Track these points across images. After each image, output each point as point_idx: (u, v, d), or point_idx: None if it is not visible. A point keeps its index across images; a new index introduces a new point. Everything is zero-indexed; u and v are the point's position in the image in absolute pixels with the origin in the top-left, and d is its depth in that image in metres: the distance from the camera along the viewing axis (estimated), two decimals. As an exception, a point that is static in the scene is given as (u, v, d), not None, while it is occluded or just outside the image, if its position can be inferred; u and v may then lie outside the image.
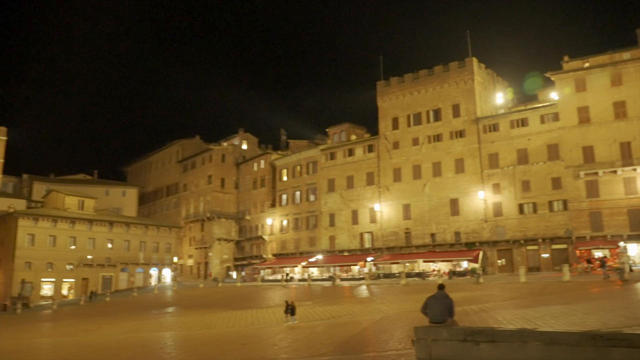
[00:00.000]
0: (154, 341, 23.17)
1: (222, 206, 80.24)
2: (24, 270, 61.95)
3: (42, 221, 64.60)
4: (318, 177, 69.39)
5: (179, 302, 46.98)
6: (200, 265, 79.90)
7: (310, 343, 19.12)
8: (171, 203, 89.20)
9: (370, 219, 63.12)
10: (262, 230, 75.59)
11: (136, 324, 32.01)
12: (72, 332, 29.72)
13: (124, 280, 70.72)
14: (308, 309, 31.78)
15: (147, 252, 73.85)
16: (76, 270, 66.47)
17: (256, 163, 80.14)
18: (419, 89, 61.67)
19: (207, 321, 30.17)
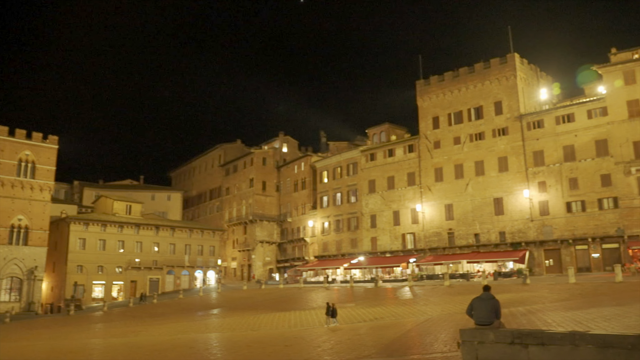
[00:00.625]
0: (200, 342, 23.59)
1: (264, 209, 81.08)
2: (76, 273, 64.33)
3: (92, 226, 66.95)
4: (358, 179, 69.20)
5: (224, 304, 47.68)
6: (244, 268, 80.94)
7: (354, 345, 19.05)
8: (214, 206, 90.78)
9: (412, 219, 62.47)
10: (304, 232, 75.95)
11: (182, 325, 32.68)
12: (122, 333, 30.60)
13: (170, 282, 72.43)
14: (351, 311, 31.70)
15: (192, 255, 75.41)
16: (125, 273, 68.54)
17: (297, 165, 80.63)
18: (460, 87, 60.67)
19: (251, 323, 30.50)
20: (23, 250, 58.94)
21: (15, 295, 58.41)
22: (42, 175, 61.43)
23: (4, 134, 59.12)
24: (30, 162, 60.69)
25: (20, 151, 60.11)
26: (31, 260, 59.22)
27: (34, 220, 60.18)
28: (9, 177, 58.78)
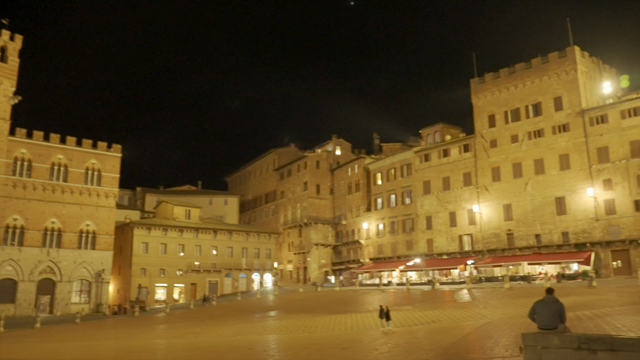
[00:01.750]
0: (258, 344, 23.97)
1: (319, 212, 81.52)
2: (140, 276, 66.94)
3: (154, 230, 69.48)
4: (413, 180, 68.38)
5: (280, 306, 48.23)
6: (299, 270, 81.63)
7: (412, 348, 18.83)
8: (270, 210, 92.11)
9: (469, 220, 61.09)
10: (359, 234, 75.79)
11: (241, 327, 33.30)
12: (183, 334, 31.52)
13: (228, 285, 74.08)
14: (407, 314, 31.35)
15: (249, 257, 76.82)
16: (185, 276, 70.66)
17: (350, 168, 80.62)
18: (516, 84, 58.85)
19: (308, 325, 30.69)
20: (91, 254, 61.88)
21: (85, 297, 61.39)
22: (107, 183, 64.32)
23: (73, 144, 62.35)
24: (96, 170, 63.69)
25: (87, 160, 63.20)
26: (99, 264, 62.09)
27: (101, 225, 63.07)
28: (78, 184, 61.90)
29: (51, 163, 60.57)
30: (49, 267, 58.94)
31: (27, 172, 58.93)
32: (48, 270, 58.90)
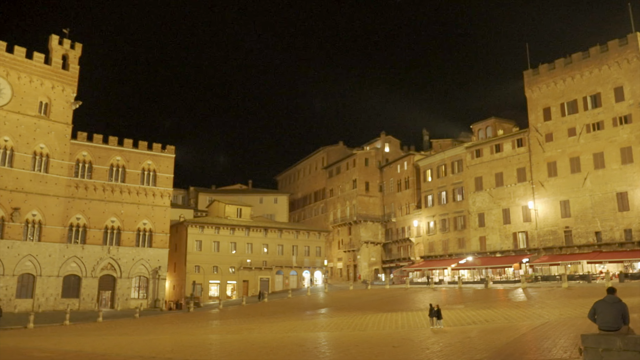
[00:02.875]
0: (309, 341, 24.18)
1: (368, 209, 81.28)
2: (194, 273, 68.88)
3: (207, 228, 71.32)
4: (464, 176, 67.06)
5: (331, 304, 48.44)
6: (349, 268, 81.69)
7: (464, 348, 18.52)
8: (319, 208, 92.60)
9: (523, 217, 59.35)
10: (409, 232, 75.08)
11: (292, 324, 33.67)
12: (236, 330, 32.18)
13: (279, 282, 75.08)
14: (460, 313, 30.83)
15: (299, 255, 77.56)
16: (237, 273, 72.15)
17: (399, 165, 79.93)
18: (573, 74, 56.64)
19: (359, 323, 30.70)
20: (148, 252, 64.15)
21: (143, 292, 63.72)
22: (162, 183, 66.46)
23: (129, 146, 64.79)
24: (151, 170, 65.92)
25: (143, 161, 65.50)
26: (155, 261, 64.29)
27: (157, 224, 65.26)
28: (135, 185, 64.29)
29: (110, 164, 63.15)
30: (110, 264, 61.54)
31: (88, 173, 61.68)
32: (109, 267, 61.50)
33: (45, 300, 56.38)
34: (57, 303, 56.93)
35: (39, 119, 58.73)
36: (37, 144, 58.12)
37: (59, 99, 60.60)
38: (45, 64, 59.93)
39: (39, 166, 58.18)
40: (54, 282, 57.46)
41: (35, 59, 59.18)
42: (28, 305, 54.75)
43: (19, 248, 55.41)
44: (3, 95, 56.52)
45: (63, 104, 60.88)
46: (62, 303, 56.63)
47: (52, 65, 60.46)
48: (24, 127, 57.38)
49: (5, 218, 54.88)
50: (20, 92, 57.69)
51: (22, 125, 57.33)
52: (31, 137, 57.79)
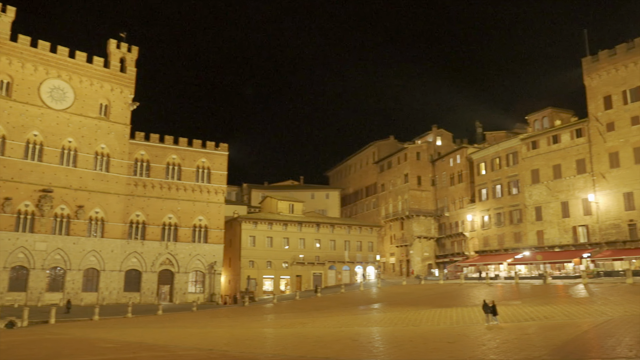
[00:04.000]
0: (362, 335, 24.26)
1: (420, 204, 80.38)
2: (248, 267, 70.30)
3: (260, 224, 72.57)
4: (520, 169, 65.12)
5: (384, 299, 48.32)
6: (402, 263, 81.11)
7: (522, 345, 18.11)
8: (371, 203, 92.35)
9: (584, 210, 57.04)
10: (463, 226, 73.72)
11: (345, 318, 33.85)
12: (290, 324, 32.68)
13: (331, 277, 75.49)
14: (517, 309, 30.09)
15: (351, 250, 77.68)
16: (290, 268, 73.07)
17: (452, 158, 78.53)
18: (636, 60, 53.81)
19: (412, 318, 30.51)
20: (204, 247, 65.97)
21: (200, 287, 65.62)
22: (216, 180, 68.09)
23: (184, 144, 66.75)
24: (206, 168, 67.66)
25: (198, 159, 67.32)
26: (211, 256, 66.03)
27: (212, 220, 66.98)
28: (190, 182, 66.21)
29: (166, 163, 65.27)
30: (168, 259, 63.70)
31: (146, 172, 64.00)
32: (167, 262, 63.68)
33: (108, 294, 59.07)
34: (119, 296, 59.53)
35: (100, 120, 61.43)
36: (98, 144, 60.83)
37: (117, 101, 63.15)
38: (104, 67, 62.57)
39: (101, 165, 60.89)
40: (116, 276, 60.09)
41: (95, 63, 61.89)
42: (93, 298, 57.53)
43: (83, 244, 58.26)
44: (66, 98, 59.45)
45: (122, 105, 63.40)
46: (124, 296, 59.19)
47: (111, 68, 63.05)
48: (86, 128, 60.17)
49: (71, 215, 57.81)
50: (82, 95, 60.51)
51: (84, 126, 60.13)
52: (93, 137, 60.53)
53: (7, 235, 53.65)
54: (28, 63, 57.08)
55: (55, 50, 59.17)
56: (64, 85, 59.40)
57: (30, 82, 57.15)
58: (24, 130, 55.99)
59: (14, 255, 53.94)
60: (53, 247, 56.33)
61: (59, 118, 58.59)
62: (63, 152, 58.43)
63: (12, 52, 56.13)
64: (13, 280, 53.94)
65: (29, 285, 54.54)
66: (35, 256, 55.08)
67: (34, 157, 56.42)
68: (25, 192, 55.15)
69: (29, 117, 56.49)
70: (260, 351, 19.42)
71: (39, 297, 54.55)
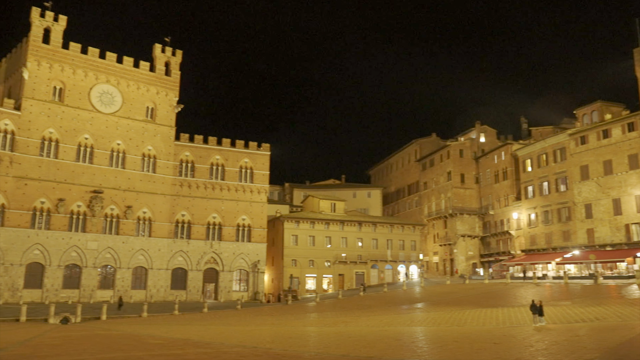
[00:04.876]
0: (406, 335, 24.09)
1: (464, 202, 79.06)
2: (291, 266, 70.88)
3: (302, 223, 73.06)
4: (568, 165, 63.05)
5: (427, 298, 47.79)
6: (446, 262, 79.98)
7: (572, 347, 17.57)
8: (413, 201, 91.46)
9: (637, 207, 54.71)
10: (508, 225, 72.01)
11: (388, 318, 33.67)
12: (333, 323, 32.76)
13: (374, 276, 75.21)
14: (566, 310, 29.20)
15: (394, 249, 77.15)
16: (333, 267, 73.22)
17: (496, 155, 76.83)
18: (694, 50, 51.19)
19: (457, 318, 30.06)
20: (247, 246, 66.95)
21: (244, 285, 66.65)
22: (259, 180, 68.98)
23: (227, 145, 67.91)
24: (248, 168, 68.64)
25: (241, 159, 68.37)
26: (254, 255, 66.95)
27: (255, 219, 67.89)
28: (233, 182, 67.31)
29: (210, 163, 66.57)
30: (212, 258, 64.97)
31: (191, 172, 65.48)
32: (212, 261, 64.96)
33: (156, 292, 60.77)
34: (166, 294, 61.15)
35: (146, 123, 63.25)
36: (145, 146, 62.67)
37: (163, 104, 64.87)
38: (150, 71, 64.40)
39: (148, 167, 62.71)
40: (163, 274, 61.75)
41: (141, 67, 63.78)
42: (142, 295, 59.31)
43: (132, 243, 60.16)
44: (115, 102, 61.52)
45: (167, 108, 65.08)
46: (171, 294, 60.76)
47: (156, 72, 64.83)
48: (133, 131, 62.10)
49: (120, 215, 59.79)
50: (129, 99, 62.47)
51: (132, 129, 62.06)
52: (140, 140, 62.40)
53: (61, 235, 56.02)
54: (79, 69, 59.37)
55: (104, 56, 61.33)
56: (112, 89, 61.48)
57: (81, 87, 59.44)
58: (75, 134, 58.30)
59: (68, 254, 56.26)
60: (104, 246, 58.42)
61: (108, 121, 60.68)
62: (112, 154, 60.50)
63: (64, 60, 58.51)
64: (67, 277, 56.31)
65: (81, 283, 56.78)
66: (87, 255, 57.28)
67: (85, 159, 58.67)
68: (77, 193, 57.40)
69: (80, 121, 58.78)
70: (304, 349, 19.56)
71: (91, 294, 56.71)
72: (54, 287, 55.07)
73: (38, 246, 54.76)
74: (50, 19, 57.84)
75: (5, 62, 63.65)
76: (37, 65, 56.77)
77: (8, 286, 52.76)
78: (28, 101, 55.91)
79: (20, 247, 53.69)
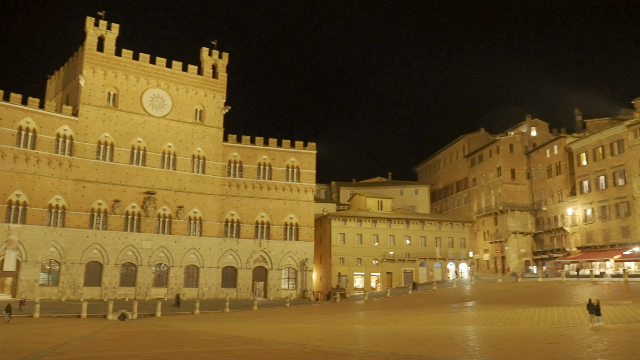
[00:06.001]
0: (456, 334, 23.73)
1: (515, 198, 76.98)
2: (339, 264, 71.02)
3: (349, 221, 73.05)
4: (626, 158, 60.30)
5: (478, 297, 46.87)
6: (497, 260, 78.14)
7: (634, 348, 16.85)
8: (462, 198, 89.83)
9: None
10: (562, 221, 69.58)
11: (438, 316, 33.25)
12: (382, 321, 32.64)
13: (423, 274, 74.33)
14: (626, 309, 28.02)
15: (443, 247, 76.00)
16: (380, 265, 72.87)
17: (548, 149, 74.38)
18: None
19: (509, 317, 29.36)
20: (295, 245, 67.56)
21: (292, 283, 67.31)
22: (305, 178, 69.46)
23: (274, 145, 68.71)
24: (295, 167, 69.23)
25: (287, 159, 69.03)
26: (302, 254, 67.49)
27: (302, 218, 68.43)
28: (280, 181, 68.05)
29: (257, 163, 67.56)
30: (261, 256, 65.93)
31: (239, 172, 66.66)
32: (260, 259, 65.93)
33: (207, 289, 62.25)
34: (217, 292, 62.52)
35: (195, 125, 64.83)
36: (194, 147, 64.25)
37: (211, 106, 66.31)
38: (198, 74, 65.98)
39: (197, 168, 64.29)
40: (214, 273, 63.17)
41: (189, 71, 65.43)
42: (194, 293, 60.89)
43: (184, 242, 61.85)
44: (165, 106, 63.37)
45: (214, 109, 66.50)
46: (222, 292, 62.09)
47: (204, 75, 66.35)
48: (183, 133, 63.79)
49: (172, 215, 61.58)
50: (178, 102, 64.22)
51: (182, 131, 63.77)
52: (189, 142, 64.04)
53: (117, 235, 58.25)
54: (131, 75, 61.50)
55: (154, 61, 63.27)
56: (162, 93, 63.36)
57: (133, 92, 61.55)
58: (129, 138, 60.43)
59: (124, 253, 58.44)
60: (157, 245, 60.32)
61: (159, 124, 62.57)
62: (164, 156, 62.36)
63: (117, 66, 60.76)
64: (123, 276, 58.52)
65: (137, 281, 58.86)
66: (142, 254, 59.30)
67: (139, 161, 60.74)
68: (131, 194, 59.51)
69: (133, 125, 60.89)
70: (353, 347, 19.58)
71: (146, 291, 58.70)
72: (111, 284, 57.34)
73: (96, 246, 57.16)
74: (103, 28, 60.19)
75: (63, 71, 66.72)
76: (92, 72, 59.20)
77: (70, 284, 55.37)
78: (84, 107, 58.39)
79: (80, 246, 56.20)
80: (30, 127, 54.91)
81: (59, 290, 54.89)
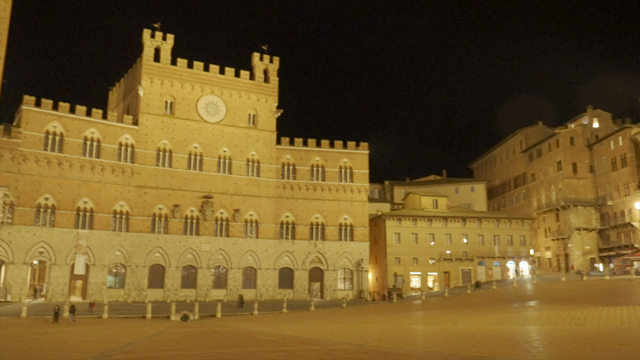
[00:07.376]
0: (518, 334, 23.08)
1: (577, 193, 73.93)
2: (394, 264, 70.49)
3: (404, 221, 72.37)
4: (700, 147, 56.75)
5: (540, 296, 45.36)
6: (559, 258, 75.28)
7: None
8: (520, 194, 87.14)
9: None
10: (630, 216, 66.23)
11: (498, 316, 32.44)
12: (440, 321, 32.17)
13: (481, 273, 72.58)
14: None
15: (501, 245, 73.94)
16: (437, 264, 71.74)
17: (612, 141, 71.01)
18: None
19: (574, 317, 28.27)
20: (350, 245, 67.61)
21: (348, 284, 67.39)
22: (358, 179, 69.39)
23: (326, 146, 69.05)
24: (348, 168, 69.28)
25: (340, 159, 69.20)
26: (357, 254, 67.44)
27: (356, 218, 68.40)
28: (334, 182, 68.29)
29: (310, 165, 68.09)
30: (317, 257, 66.39)
31: (293, 174, 67.41)
32: (316, 260, 66.40)
33: (265, 291, 63.31)
34: (275, 293, 63.46)
35: (249, 129, 66.12)
36: (249, 151, 65.54)
37: (263, 110, 67.43)
38: (250, 79, 67.28)
39: (252, 171, 65.54)
40: (271, 274, 64.17)
41: (242, 76, 66.82)
42: (252, 294, 62.06)
43: (241, 244, 63.20)
44: (219, 112, 65.00)
45: (267, 113, 67.57)
46: (279, 293, 62.98)
47: (256, 80, 67.57)
48: (237, 138, 65.21)
49: (229, 218, 63.05)
50: (232, 107, 65.70)
51: (236, 136, 65.19)
52: (244, 146, 65.38)
53: (177, 238, 60.25)
54: (186, 83, 63.49)
55: (208, 68, 65.02)
56: (216, 100, 65.02)
57: (189, 99, 63.49)
58: (186, 144, 62.39)
59: (184, 256, 60.37)
60: (216, 247, 61.94)
61: (214, 130, 64.24)
62: (219, 161, 63.97)
63: (173, 75, 62.88)
64: (184, 278, 60.47)
65: (197, 283, 60.66)
66: (201, 256, 61.06)
67: (196, 167, 62.60)
68: (190, 199, 61.39)
69: (189, 131, 62.81)
70: (411, 347, 19.43)
71: (206, 293, 60.38)
72: (173, 286, 59.36)
73: (158, 249, 59.34)
74: (159, 39, 62.46)
75: (124, 82, 69.71)
76: (150, 82, 61.53)
77: (135, 286, 57.75)
78: (144, 116, 60.76)
79: (143, 250, 58.52)
80: (95, 137, 57.67)
81: (125, 292, 57.36)
